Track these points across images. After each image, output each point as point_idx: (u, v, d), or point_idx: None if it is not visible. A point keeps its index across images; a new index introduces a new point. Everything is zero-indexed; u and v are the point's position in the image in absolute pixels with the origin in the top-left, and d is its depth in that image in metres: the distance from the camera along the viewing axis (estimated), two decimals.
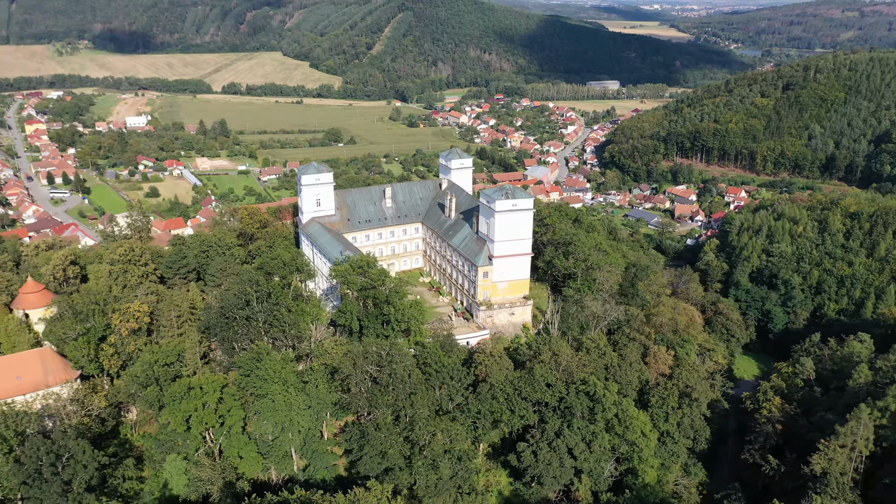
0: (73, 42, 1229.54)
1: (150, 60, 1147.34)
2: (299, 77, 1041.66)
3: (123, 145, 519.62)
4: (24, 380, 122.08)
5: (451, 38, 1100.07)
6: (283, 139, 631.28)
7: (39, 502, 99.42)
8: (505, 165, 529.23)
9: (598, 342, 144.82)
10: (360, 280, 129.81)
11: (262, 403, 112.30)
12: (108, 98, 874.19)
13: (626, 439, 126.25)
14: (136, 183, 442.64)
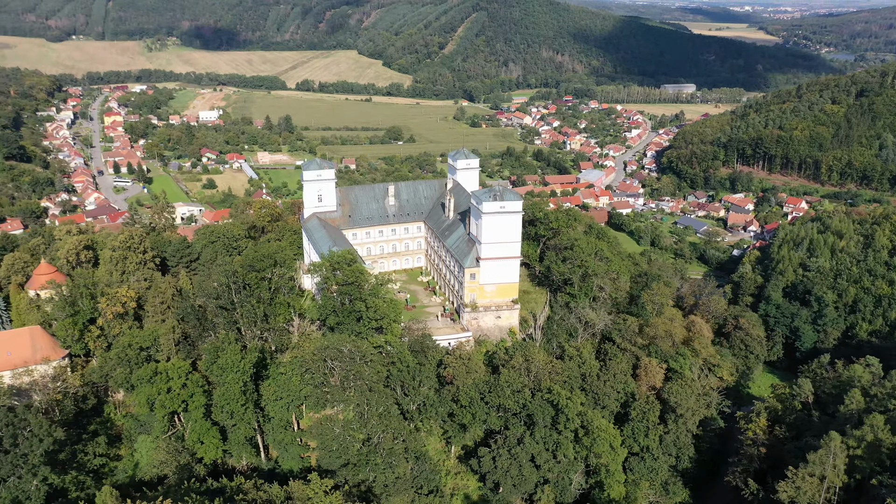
0: (163, 39, 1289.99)
1: (232, 57, 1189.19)
2: (371, 75, 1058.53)
3: (190, 138, 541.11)
4: (13, 356, 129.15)
5: (524, 38, 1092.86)
6: (344, 136, 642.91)
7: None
8: (560, 168, 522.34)
9: (581, 350, 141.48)
10: (334, 275, 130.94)
11: (217, 392, 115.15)
12: (187, 93, 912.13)
13: (592, 451, 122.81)
14: (197, 174, 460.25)
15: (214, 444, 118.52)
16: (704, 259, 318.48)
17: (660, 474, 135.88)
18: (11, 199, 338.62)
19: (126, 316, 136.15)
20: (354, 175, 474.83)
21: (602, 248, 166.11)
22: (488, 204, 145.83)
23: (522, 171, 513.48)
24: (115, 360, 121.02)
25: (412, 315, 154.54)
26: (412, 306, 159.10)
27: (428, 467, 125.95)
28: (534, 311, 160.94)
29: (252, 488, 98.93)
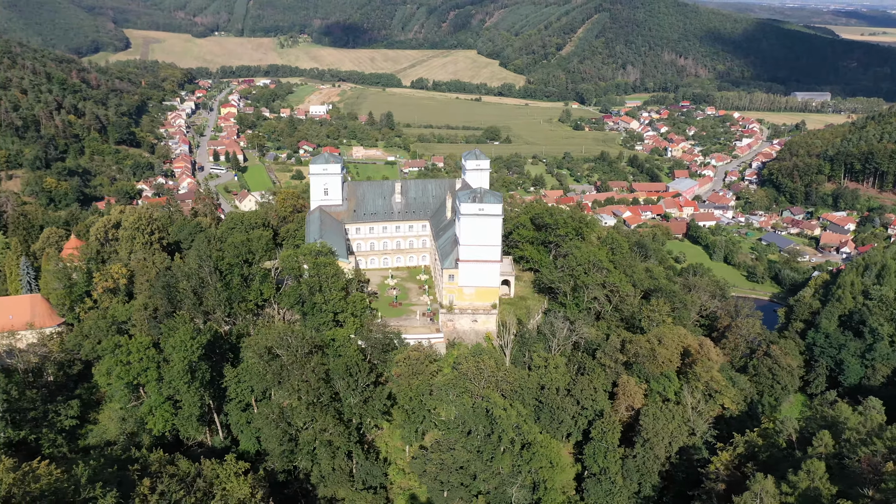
0: (295, 36, 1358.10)
1: (356, 55, 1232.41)
2: (486, 75, 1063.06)
3: (292, 130, 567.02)
4: (14, 319, 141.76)
5: (646, 40, 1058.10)
6: (443, 134, 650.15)
7: None
8: (652, 175, 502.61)
9: (550, 362, 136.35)
10: (296, 266, 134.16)
11: (164, 369, 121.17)
12: (307, 88, 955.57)
13: (530, 466, 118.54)
14: (289, 165, 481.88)
15: (164, 418, 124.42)
16: (778, 279, 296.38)
17: (617, 499, 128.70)
18: (112, 179, 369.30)
19: (118, 291, 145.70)
20: (439, 173, 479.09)
21: (601, 259, 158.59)
22: (466, 205, 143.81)
23: (612, 176, 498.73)
24: (85, 330, 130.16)
25: (396, 312, 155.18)
26: (399, 303, 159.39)
27: (371, 463, 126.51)
28: (521, 318, 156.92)
29: (157, 461, 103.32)
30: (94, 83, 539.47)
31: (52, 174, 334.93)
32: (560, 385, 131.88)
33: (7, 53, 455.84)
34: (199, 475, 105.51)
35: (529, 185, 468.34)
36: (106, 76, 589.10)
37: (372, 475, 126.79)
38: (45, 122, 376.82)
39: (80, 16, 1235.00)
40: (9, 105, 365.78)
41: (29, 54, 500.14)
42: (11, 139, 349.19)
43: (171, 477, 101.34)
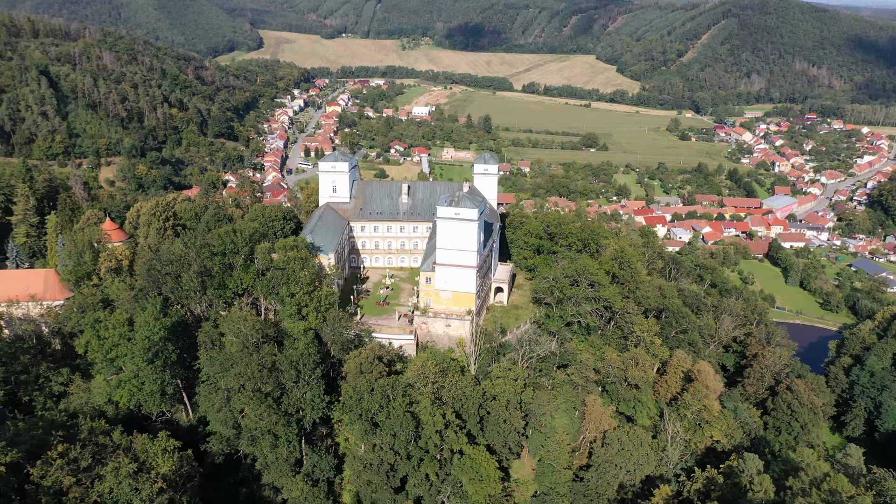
0: (417, 38, 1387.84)
1: (473, 58, 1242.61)
2: (601, 81, 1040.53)
3: (387, 130, 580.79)
4: (30, 290, 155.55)
5: (776, 48, 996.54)
6: (539, 139, 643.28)
7: None
8: (749, 191, 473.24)
9: (509, 374, 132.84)
10: (270, 258, 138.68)
11: (129, 346, 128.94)
12: (418, 89, 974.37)
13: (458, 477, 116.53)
14: (375, 164, 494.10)
15: (130, 392, 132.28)
16: (855, 310, 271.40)
17: None
18: (203, 170, 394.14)
19: (120, 271, 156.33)
20: (522, 179, 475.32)
21: (594, 272, 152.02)
22: (443, 209, 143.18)
23: (705, 189, 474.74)
24: (75, 305, 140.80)
25: (380, 311, 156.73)
26: (386, 303, 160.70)
27: (319, 457, 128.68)
28: (504, 328, 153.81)
29: (87, 429, 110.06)
30: (209, 80, 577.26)
31: (145, 162, 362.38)
32: (511, 398, 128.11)
33: (129, 50, 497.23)
34: (129, 448, 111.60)
35: (612, 195, 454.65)
36: (223, 73, 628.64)
37: (320, 468, 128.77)
38: (148, 115, 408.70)
39: (220, 17, 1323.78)
40: (117, 97, 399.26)
41: (151, 51, 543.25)
42: (115, 129, 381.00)
43: (97, 446, 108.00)
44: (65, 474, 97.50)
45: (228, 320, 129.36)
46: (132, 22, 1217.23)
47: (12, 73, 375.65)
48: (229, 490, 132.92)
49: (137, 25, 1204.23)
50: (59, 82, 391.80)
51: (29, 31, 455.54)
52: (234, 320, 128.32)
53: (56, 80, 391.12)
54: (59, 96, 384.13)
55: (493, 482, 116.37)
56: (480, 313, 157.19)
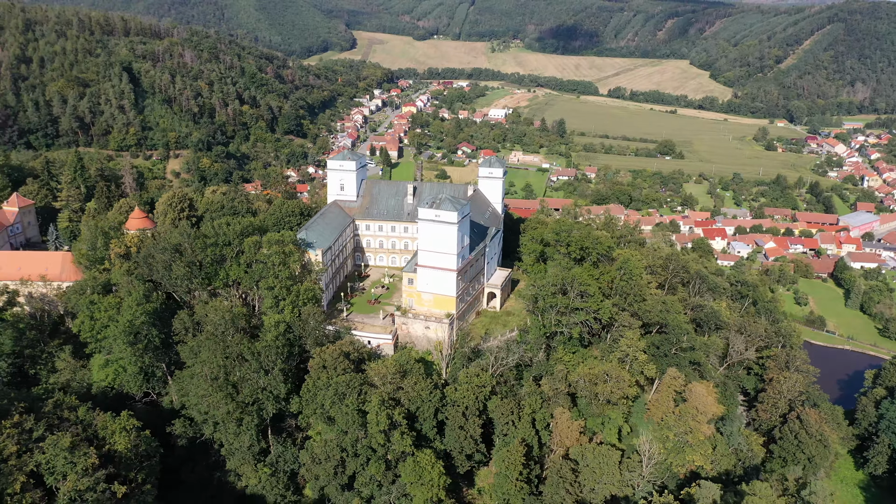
0: (507, 41, 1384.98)
1: (561, 61, 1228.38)
2: (692, 87, 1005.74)
3: (457, 132, 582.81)
4: (49, 272, 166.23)
5: (885, 55, 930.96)
6: (613, 145, 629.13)
7: None
8: (828, 206, 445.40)
9: (475, 379, 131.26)
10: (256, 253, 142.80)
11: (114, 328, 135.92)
12: (501, 91, 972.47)
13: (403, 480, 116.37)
14: (439, 164, 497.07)
15: (114, 372, 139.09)
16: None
17: None
18: (266, 165, 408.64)
19: (129, 257, 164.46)
20: (584, 185, 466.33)
21: (582, 281, 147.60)
22: (424, 211, 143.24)
23: (781, 203, 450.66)
24: (75, 287, 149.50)
25: (370, 309, 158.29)
26: (377, 301, 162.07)
27: (284, 448, 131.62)
28: (490, 333, 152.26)
29: (52, 403, 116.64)
30: (289, 79, 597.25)
31: (210, 156, 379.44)
32: (471, 404, 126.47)
33: (212, 49, 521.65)
34: (90, 424, 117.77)
35: (677, 205, 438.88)
36: (304, 73, 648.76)
37: (284, 459, 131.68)
38: (219, 111, 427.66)
39: (317, 18, 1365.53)
40: (191, 93, 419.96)
41: (234, 50, 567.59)
42: (186, 123, 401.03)
43: (59, 419, 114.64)
44: (13, 443, 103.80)
45: (202, 309, 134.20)
46: (234, 22, 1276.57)
47: (98, 69, 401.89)
48: (203, 473, 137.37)
49: (239, 25, 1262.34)
50: (140, 78, 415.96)
51: (121, 30, 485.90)
52: (206, 309, 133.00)
53: (137, 76, 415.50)
54: (139, 91, 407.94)
55: (436, 488, 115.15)
56: (466, 317, 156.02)
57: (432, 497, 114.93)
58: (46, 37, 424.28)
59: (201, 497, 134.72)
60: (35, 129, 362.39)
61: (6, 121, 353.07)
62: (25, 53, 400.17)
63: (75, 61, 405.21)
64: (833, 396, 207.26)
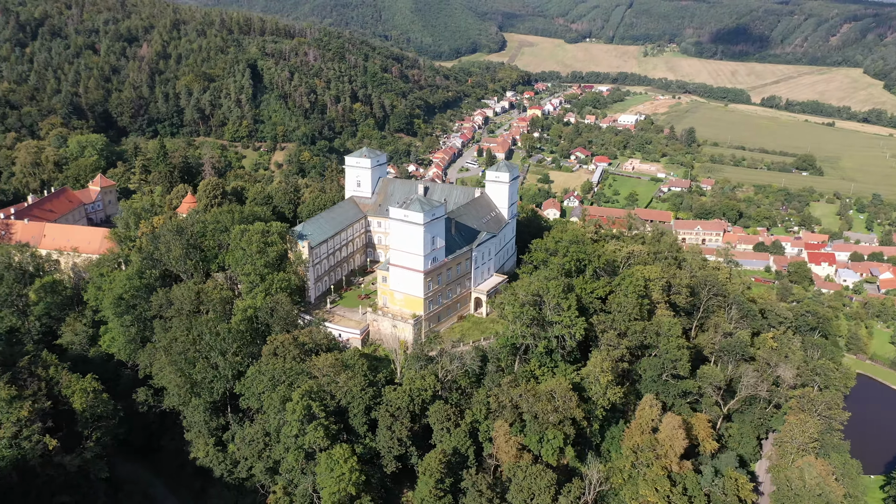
0: (662, 45, 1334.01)
1: (717, 67, 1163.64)
2: (860, 98, 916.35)
3: (574, 136, 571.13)
4: (91, 245, 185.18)
5: None
6: (746, 157, 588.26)
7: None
8: None
9: (418, 382, 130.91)
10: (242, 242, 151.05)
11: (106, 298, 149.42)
12: (641, 97, 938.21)
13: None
14: (545, 168, 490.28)
15: (109, 339, 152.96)
16: None
17: None
18: None
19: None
20: (692, 197, 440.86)
21: (557, 293, 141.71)
22: (394, 210, 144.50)
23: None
24: (95, 263, 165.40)
25: (357, 303, 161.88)
26: (366, 296, 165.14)
27: (238, 427, 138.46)
28: (465, 337, 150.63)
29: (29, 359, 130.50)
30: (415, 78, 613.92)
31: (314, 150, 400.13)
32: (402, 405, 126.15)
33: (340, 49, 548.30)
34: (58, 382, 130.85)
35: (794, 224, 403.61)
36: (432, 73, 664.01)
37: (233, 437, 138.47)
38: (330, 107, 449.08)
39: (469, 20, 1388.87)
40: (305, 90, 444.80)
41: (363, 50, 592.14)
42: (296, 118, 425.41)
43: (31, 374, 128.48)
44: None
45: (176, 289, 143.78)
46: (390, 24, 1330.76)
47: (225, 66, 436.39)
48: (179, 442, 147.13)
49: (394, 27, 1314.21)
50: (262, 75, 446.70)
51: (258, 30, 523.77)
52: (176, 288, 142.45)
53: (260, 73, 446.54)
54: (259, 87, 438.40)
55: (345, 483, 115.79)
56: (443, 320, 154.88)
57: (339, 491, 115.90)
58: (188, 35, 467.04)
59: (174, 463, 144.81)
60: (163, 118, 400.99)
61: (138, 110, 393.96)
62: (166, 50, 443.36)
63: (207, 58, 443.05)
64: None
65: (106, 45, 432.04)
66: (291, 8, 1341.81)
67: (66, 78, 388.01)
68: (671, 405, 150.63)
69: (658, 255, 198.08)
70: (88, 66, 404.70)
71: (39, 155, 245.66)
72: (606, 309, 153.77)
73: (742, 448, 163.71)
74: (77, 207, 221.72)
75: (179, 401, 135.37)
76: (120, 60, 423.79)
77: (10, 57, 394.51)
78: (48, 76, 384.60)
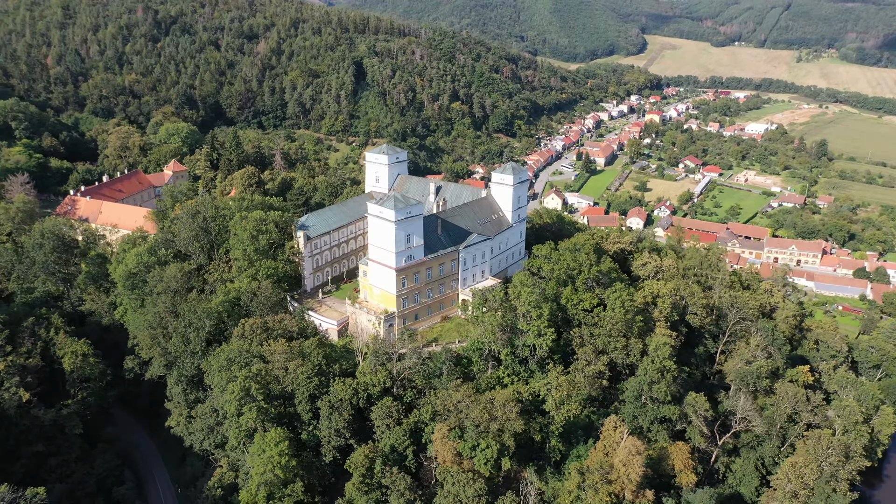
0: (819, 50, 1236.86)
1: (878, 75, 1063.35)
2: None
3: (688, 144, 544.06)
4: (137, 223, 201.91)
5: None
6: (883, 173, 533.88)
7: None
8: None
9: (370, 377, 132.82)
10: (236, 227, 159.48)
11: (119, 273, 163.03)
12: (781, 105, 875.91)
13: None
14: (646, 175, 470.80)
15: (122, 310, 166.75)
16: None
17: None
18: (459, 159, 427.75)
19: None
20: (807, 215, 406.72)
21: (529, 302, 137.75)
22: (371, 206, 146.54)
23: None
24: (122, 241, 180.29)
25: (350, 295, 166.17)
26: (358, 289, 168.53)
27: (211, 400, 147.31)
28: (441, 338, 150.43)
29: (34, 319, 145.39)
30: (528, 79, 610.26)
31: (403, 146, 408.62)
32: (345, 397, 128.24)
33: (450, 49, 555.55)
34: (50, 340, 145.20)
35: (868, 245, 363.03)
36: (548, 74, 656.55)
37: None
38: (427, 105, 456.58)
39: (609, 22, 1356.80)
40: (404, 88, 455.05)
41: (475, 51, 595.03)
42: (393, 115, 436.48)
43: (31, 334, 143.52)
44: None
45: (168, 268, 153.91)
46: (527, 24, 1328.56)
47: (331, 63, 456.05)
48: None
49: (531, 28, 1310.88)
50: (366, 72, 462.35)
51: (372, 28, 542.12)
52: (170, 268, 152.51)
53: (364, 70, 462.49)
54: (361, 84, 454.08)
55: (273, 465, 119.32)
56: (421, 318, 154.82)
57: (266, 472, 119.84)
58: (304, 33, 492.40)
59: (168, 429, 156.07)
60: (268, 111, 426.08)
61: (245, 103, 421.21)
62: (280, 47, 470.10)
63: (316, 55, 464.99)
64: None
65: (227, 41, 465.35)
66: (432, 9, 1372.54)
67: (185, 71, 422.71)
68: (647, 429, 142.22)
69: (688, 270, 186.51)
70: (207, 60, 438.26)
71: (128, 140, 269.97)
72: (591, 322, 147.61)
73: (743, 486, 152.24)
74: (147, 189, 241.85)
75: (159, 372, 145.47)
76: (237, 56, 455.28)
77: (142, 51, 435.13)
78: (170, 69, 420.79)
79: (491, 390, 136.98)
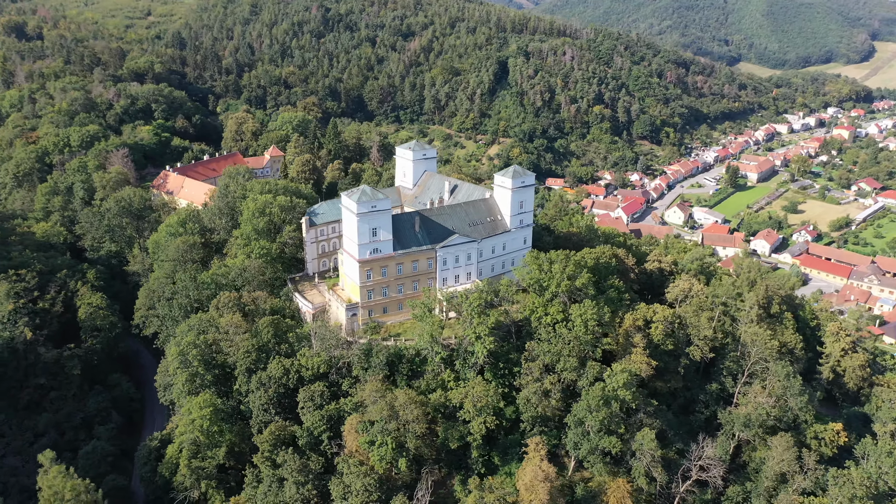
0: None
1: None
2: None
3: (870, 164, 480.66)
4: (200, 199, 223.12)
5: None
6: None
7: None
8: None
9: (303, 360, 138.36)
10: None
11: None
12: None
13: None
14: (804, 195, 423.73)
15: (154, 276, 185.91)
16: None
17: None
18: (588, 164, 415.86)
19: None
20: None
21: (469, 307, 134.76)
22: (345, 199, 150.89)
23: None
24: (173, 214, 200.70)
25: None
26: None
27: None
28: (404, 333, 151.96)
29: (65, 274, 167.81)
30: (697, 85, 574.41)
31: (529, 147, 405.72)
32: (274, 375, 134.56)
33: (608, 51, 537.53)
34: (77, 294, 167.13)
35: None
36: (723, 80, 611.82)
37: None
38: (564, 107, 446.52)
39: (831, 26, 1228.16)
40: (543, 88, 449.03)
41: (639, 52, 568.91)
42: (524, 115, 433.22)
43: (62, 285, 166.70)
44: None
45: (179, 239, 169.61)
46: (734, 27, 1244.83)
47: (475, 61, 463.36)
48: None
49: (738, 31, 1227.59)
50: (509, 71, 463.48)
51: (530, 28, 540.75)
52: (179, 240, 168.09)
53: (507, 70, 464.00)
54: (502, 83, 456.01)
55: (194, 427, 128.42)
56: (390, 312, 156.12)
57: (188, 432, 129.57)
58: (458, 32, 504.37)
59: None
60: (406, 106, 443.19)
61: (386, 97, 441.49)
62: (431, 45, 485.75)
63: (463, 53, 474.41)
64: None
65: (383, 37, 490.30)
66: (633, 11, 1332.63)
67: (337, 65, 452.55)
68: (583, 458, 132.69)
69: (716, 298, 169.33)
70: (360, 55, 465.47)
71: (242, 125, 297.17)
72: (546, 337, 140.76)
73: None
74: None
75: (152, 330, 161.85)
76: (388, 52, 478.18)
77: (305, 45, 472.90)
78: (324, 62, 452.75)
79: (432, 393, 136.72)
